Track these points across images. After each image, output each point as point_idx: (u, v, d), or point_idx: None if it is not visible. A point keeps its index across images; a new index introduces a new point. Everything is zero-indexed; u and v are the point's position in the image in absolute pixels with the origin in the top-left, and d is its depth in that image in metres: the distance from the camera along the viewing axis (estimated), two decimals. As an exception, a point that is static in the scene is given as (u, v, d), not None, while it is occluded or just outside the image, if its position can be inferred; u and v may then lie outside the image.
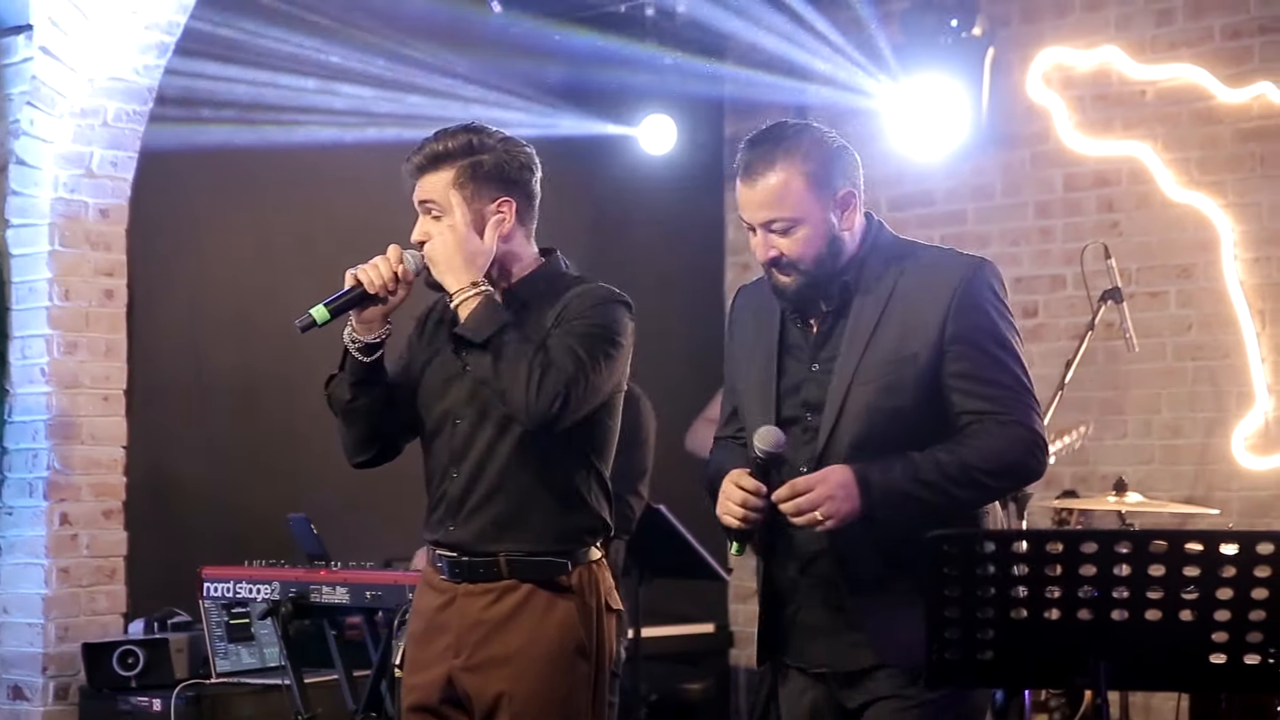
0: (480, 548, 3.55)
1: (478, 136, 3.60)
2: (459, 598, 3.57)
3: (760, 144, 3.18)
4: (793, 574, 3.21)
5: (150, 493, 6.06)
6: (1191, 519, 5.88)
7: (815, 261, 3.16)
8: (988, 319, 3.14)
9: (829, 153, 3.19)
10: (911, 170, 7.30)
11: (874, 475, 3.05)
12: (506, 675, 3.50)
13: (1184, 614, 2.77)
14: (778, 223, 3.15)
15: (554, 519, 3.55)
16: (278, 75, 6.17)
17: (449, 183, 3.55)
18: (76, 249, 5.86)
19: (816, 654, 3.20)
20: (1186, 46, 6.63)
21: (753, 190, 3.17)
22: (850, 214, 3.20)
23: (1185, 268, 6.63)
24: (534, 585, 3.53)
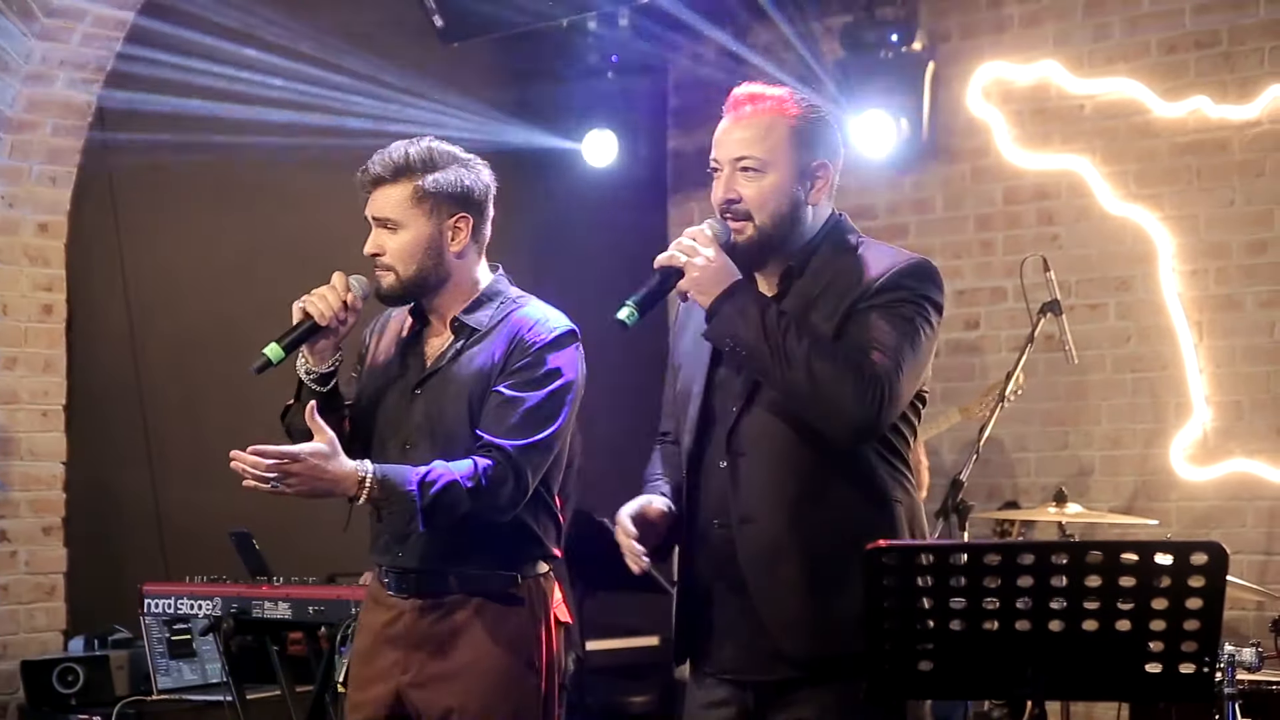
0: (428, 567, 3.56)
1: (437, 151, 3.60)
2: (406, 613, 3.58)
3: (753, 90, 3.21)
4: (707, 576, 3.22)
5: (90, 509, 6.01)
6: (1131, 530, 5.93)
7: (772, 217, 3.15)
8: (899, 298, 3.12)
9: (820, 123, 3.21)
10: (853, 184, 7.28)
11: (748, 289, 3.09)
12: (455, 690, 3.51)
13: (1120, 624, 2.79)
14: (749, 160, 3.15)
15: (501, 543, 3.56)
16: (218, 90, 6.14)
17: (407, 198, 3.55)
18: (14, 264, 5.82)
19: (728, 659, 3.20)
20: (1124, 61, 6.69)
21: (735, 124, 3.19)
22: (819, 189, 3.20)
23: (1124, 280, 6.68)
24: (483, 599, 3.53)
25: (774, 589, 3.11)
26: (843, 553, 3.07)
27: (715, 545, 3.19)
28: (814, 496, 3.11)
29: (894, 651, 2.86)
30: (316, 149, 6.21)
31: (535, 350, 3.53)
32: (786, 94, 3.22)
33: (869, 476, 3.15)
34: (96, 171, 6.03)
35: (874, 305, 3.09)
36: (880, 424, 3.05)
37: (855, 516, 3.12)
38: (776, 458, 3.12)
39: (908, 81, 6.90)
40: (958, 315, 7.09)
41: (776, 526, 3.10)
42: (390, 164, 3.56)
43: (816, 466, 3.11)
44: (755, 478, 3.13)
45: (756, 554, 3.12)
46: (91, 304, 6.08)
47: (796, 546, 3.10)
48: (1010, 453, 6.91)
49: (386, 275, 3.57)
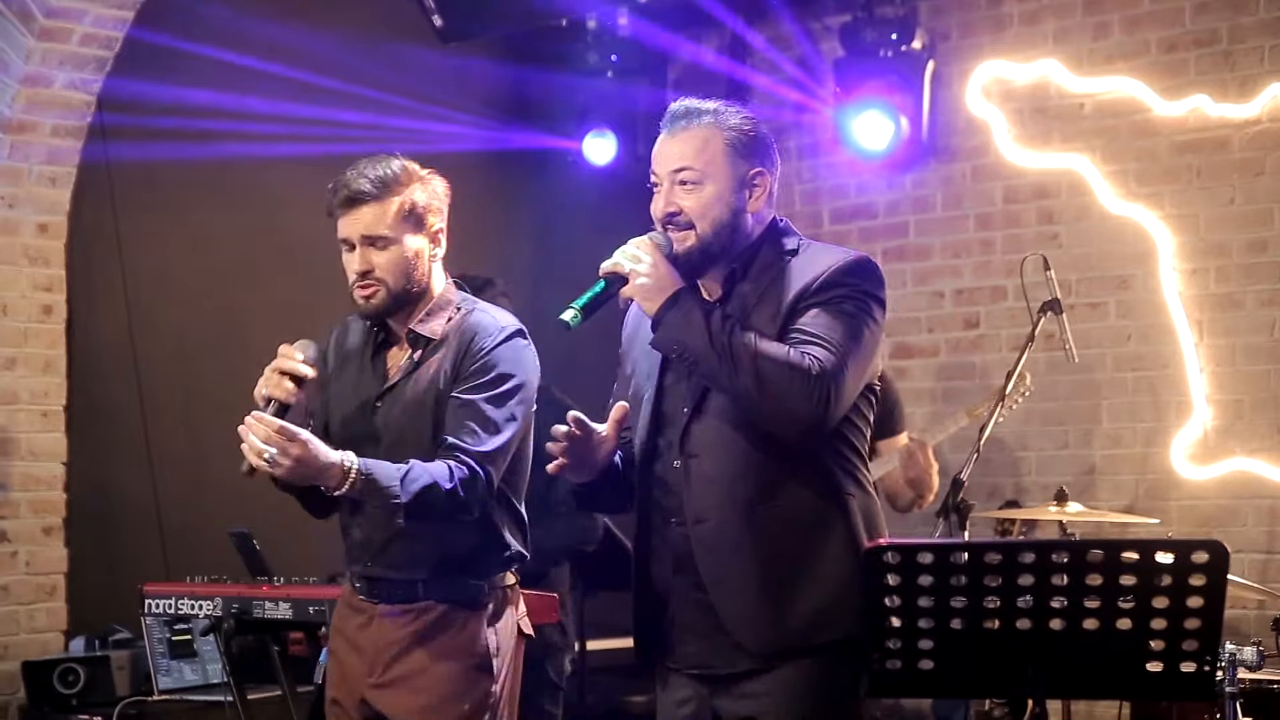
0: (397, 575, 3.64)
1: (410, 167, 3.66)
2: (376, 618, 3.67)
3: (689, 105, 3.27)
4: (666, 575, 3.26)
5: (90, 509, 6.01)
6: (1132, 529, 5.93)
7: (713, 226, 3.20)
8: (840, 294, 3.16)
9: (753, 133, 3.27)
10: (853, 183, 7.33)
11: (692, 296, 3.14)
12: (413, 691, 3.59)
13: (1121, 623, 2.79)
14: (687, 172, 3.20)
15: (469, 551, 3.63)
16: (218, 90, 6.14)
17: (396, 213, 3.59)
18: (14, 265, 5.82)
19: (692, 655, 3.25)
20: (1123, 60, 6.69)
21: (672, 140, 3.25)
22: (758, 197, 3.25)
23: (1124, 279, 6.68)
24: (448, 606, 3.61)
25: (730, 586, 3.17)
26: (795, 548, 3.15)
27: (673, 543, 3.24)
28: (766, 494, 3.16)
29: (895, 650, 2.87)
30: (316, 149, 6.21)
31: (485, 354, 3.60)
32: (721, 106, 3.29)
33: (821, 472, 3.19)
34: (96, 172, 6.03)
35: (816, 302, 3.15)
36: (828, 419, 3.09)
37: (810, 513, 3.17)
38: (728, 458, 3.17)
39: (907, 80, 6.89)
40: (957, 314, 7.09)
41: (729, 525, 3.16)
42: (377, 180, 3.59)
43: (767, 465, 3.16)
44: (708, 478, 3.19)
45: (712, 552, 3.18)
46: (91, 304, 6.08)
47: (750, 544, 3.15)
48: (1011, 452, 6.91)
49: (376, 291, 3.61)
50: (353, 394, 3.72)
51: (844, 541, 3.16)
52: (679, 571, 3.23)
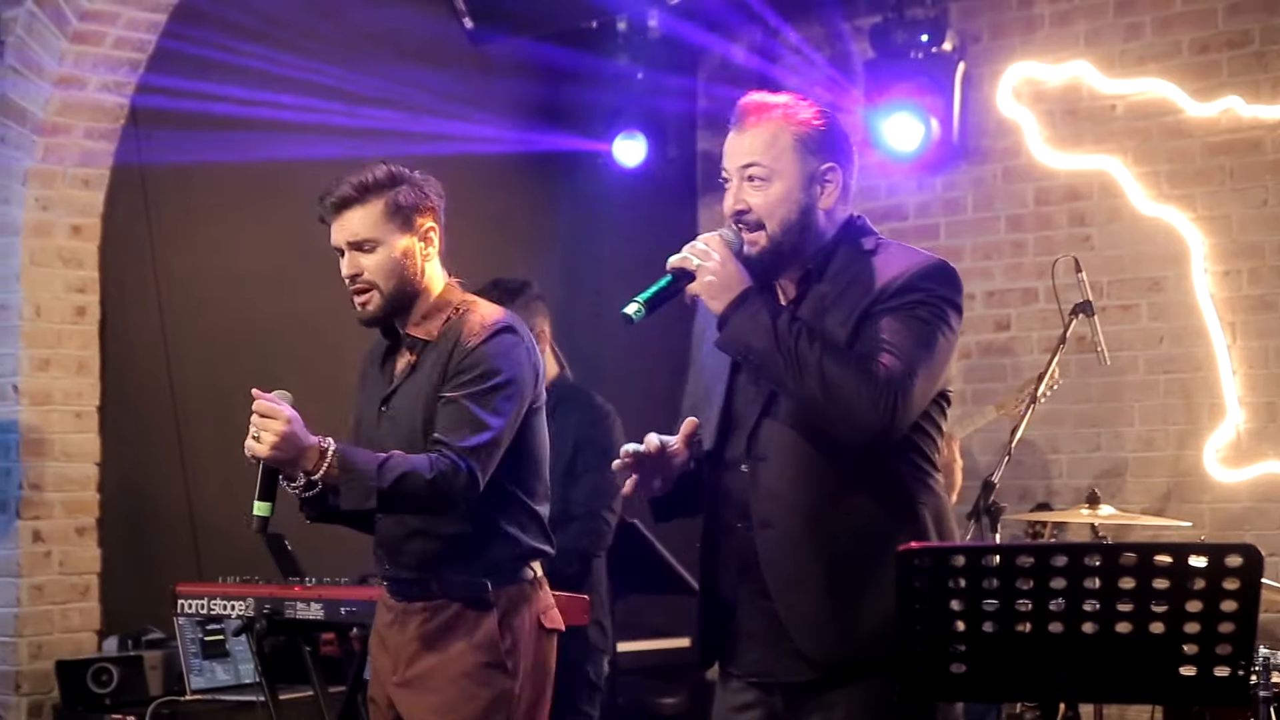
0: (413, 575, 3.69)
1: (394, 169, 3.69)
2: (401, 615, 3.72)
3: (758, 100, 3.22)
4: (731, 579, 3.22)
5: (123, 509, 6.04)
6: (1164, 531, 5.91)
7: (783, 225, 3.15)
8: (915, 300, 3.11)
9: (826, 127, 3.22)
10: (883, 184, 7.32)
11: (759, 296, 3.08)
12: (428, 690, 3.63)
13: (1154, 626, 2.78)
14: (755, 168, 3.15)
15: (479, 548, 3.65)
16: (250, 91, 6.16)
17: (380, 214, 3.63)
18: (48, 266, 5.85)
19: (753, 662, 3.20)
20: (1155, 61, 6.67)
21: (741, 135, 3.19)
22: (830, 193, 3.19)
23: (1156, 281, 6.66)
24: (462, 603, 3.63)
25: (794, 592, 3.12)
26: (864, 556, 3.09)
27: (738, 547, 3.19)
28: (834, 501, 3.11)
29: (926, 654, 2.86)
30: (347, 152, 6.22)
31: (472, 352, 3.61)
32: (792, 101, 3.23)
33: (892, 479, 3.14)
34: (129, 174, 6.06)
35: (889, 308, 3.09)
36: (895, 428, 3.04)
37: (878, 520, 3.12)
38: (796, 462, 3.12)
39: (938, 82, 6.88)
40: (988, 316, 7.07)
41: (795, 531, 3.11)
42: (358, 184, 3.64)
43: (836, 471, 3.10)
44: (775, 482, 3.14)
45: (776, 557, 3.13)
46: (124, 306, 6.11)
47: (815, 550, 3.10)
48: (1042, 454, 6.89)
49: (370, 296, 3.66)
50: (368, 402, 3.79)
51: None
52: (744, 576, 3.18)
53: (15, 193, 5.80)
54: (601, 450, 5.18)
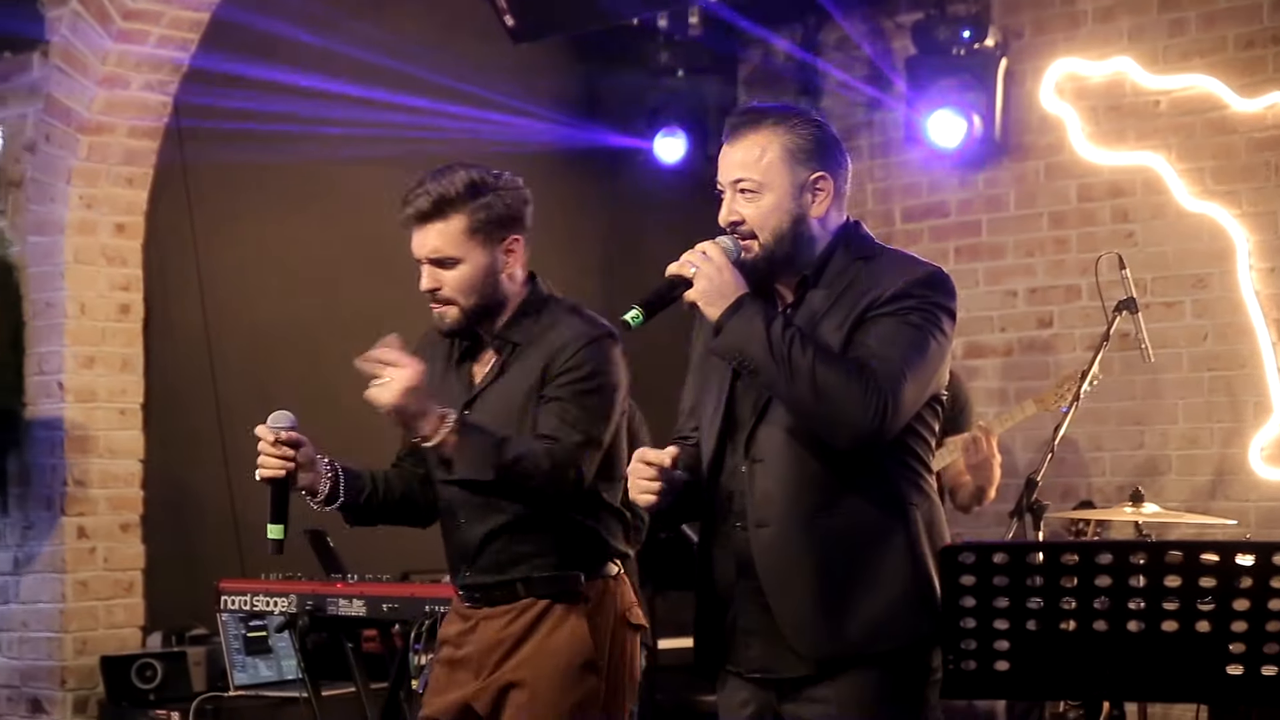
0: (496, 579, 3.62)
1: (477, 177, 3.58)
2: (480, 622, 3.65)
3: (751, 111, 3.26)
4: (729, 578, 3.24)
5: (167, 506, 6.08)
6: (1208, 530, 5.87)
7: (774, 235, 3.18)
8: (909, 306, 3.13)
9: (814, 137, 3.23)
10: (925, 182, 7.30)
11: (754, 303, 3.10)
12: (521, 688, 3.56)
13: (1200, 625, 2.76)
14: (745, 183, 3.19)
15: (563, 546, 3.61)
16: (293, 91, 6.19)
17: (462, 231, 3.55)
18: (92, 264, 5.89)
19: (753, 658, 3.23)
20: (1200, 56, 6.62)
21: (732, 148, 3.23)
22: (821, 201, 3.22)
23: (1200, 278, 6.62)
24: (550, 601, 3.59)
25: (787, 592, 3.15)
26: (858, 558, 3.14)
27: (736, 547, 3.23)
28: (827, 502, 3.15)
29: (970, 651, 2.85)
30: (389, 150, 6.25)
31: (576, 354, 3.57)
32: (782, 111, 3.25)
33: (883, 481, 3.17)
34: (172, 173, 6.10)
35: (883, 314, 3.13)
36: (885, 431, 3.07)
37: (871, 522, 3.15)
38: (791, 465, 3.16)
39: (980, 78, 6.85)
40: (1030, 313, 7.05)
41: (789, 531, 3.15)
42: (438, 198, 3.53)
43: (831, 474, 3.14)
44: (770, 483, 3.17)
45: (771, 557, 3.17)
46: (168, 303, 6.15)
47: (809, 551, 3.14)
48: (1085, 452, 6.86)
49: (449, 310, 3.59)
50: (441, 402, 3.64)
51: (904, 551, 3.14)
52: (741, 575, 3.22)
53: (60, 191, 5.84)
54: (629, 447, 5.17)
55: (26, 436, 5.89)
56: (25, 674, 5.86)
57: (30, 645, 5.86)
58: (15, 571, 5.90)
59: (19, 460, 5.91)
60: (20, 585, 5.88)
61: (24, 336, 5.90)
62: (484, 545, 3.61)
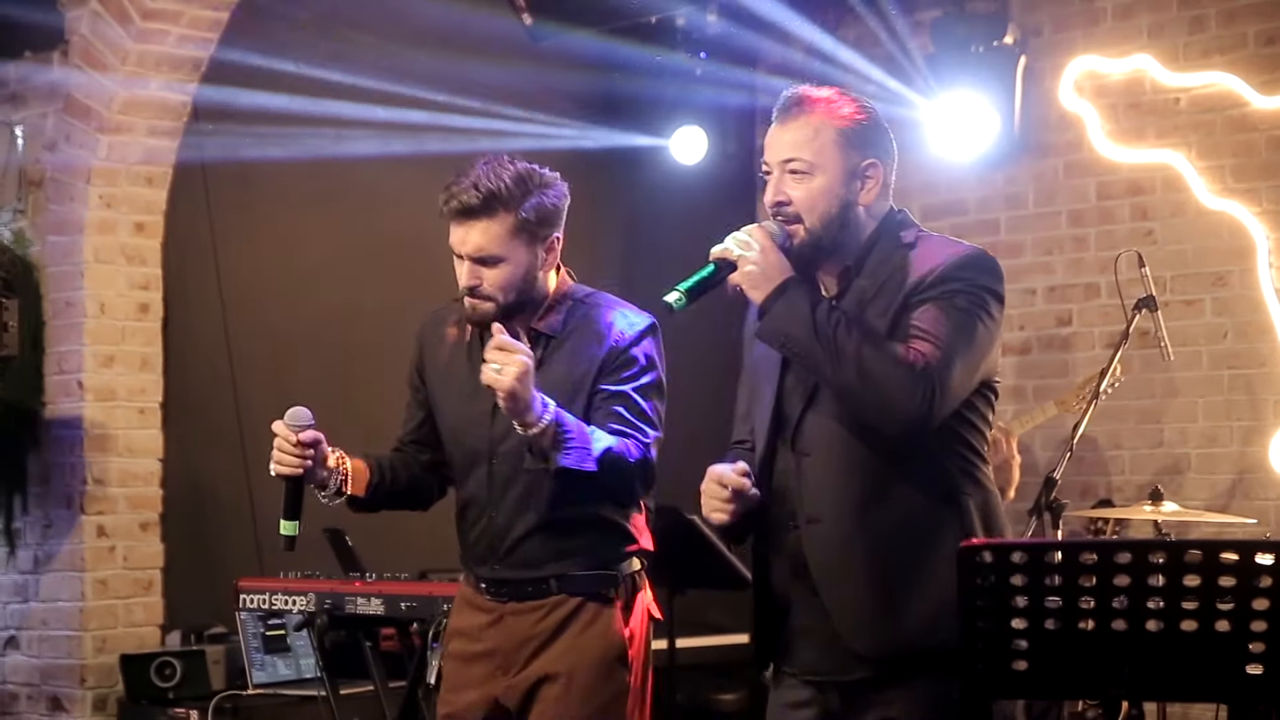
0: (529, 575, 3.59)
1: (525, 174, 3.51)
2: (506, 616, 3.61)
3: (801, 93, 3.22)
4: (784, 580, 3.21)
5: (186, 505, 6.09)
6: (1228, 528, 5.85)
7: (823, 220, 3.14)
8: (954, 289, 3.09)
9: (867, 122, 3.21)
10: (944, 179, 7.28)
11: (800, 286, 3.07)
12: (554, 683, 3.55)
13: (1220, 624, 2.75)
14: (797, 162, 3.15)
15: (599, 543, 3.60)
16: (311, 90, 6.19)
17: (508, 230, 3.47)
18: (112, 264, 5.91)
19: (809, 660, 3.20)
20: (1220, 54, 6.60)
21: (783, 129, 3.20)
22: (870, 189, 3.19)
23: (1220, 275, 6.59)
24: (583, 599, 3.57)
25: (840, 586, 3.11)
26: (911, 550, 3.09)
27: (790, 547, 3.19)
28: (880, 495, 3.10)
29: (988, 650, 2.84)
30: (407, 149, 6.26)
31: (628, 347, 3.54)
32: (834, 95, 3.22)
33: (936, 472, 3.13)
34: (191, 172, 6.11)
35: (928, 297, 3.08)
36: (933, 416, 3.02)
37: (924, 514, 3.11)
38: (840, 457, 3.12)
39: (999, 76, 6.84)
40: (1049, 312, 7.03)
41: (842, 526, 3.10)
42: (486, 194, 3.44)
43: (881, 464, 3.10)
44: (820, 478, 3.14)
45: (824, 554, 3.13)
46: (187, 303, 6.16)
47: (863, 545, 3.09)
48: (1104, 450, 6.84)
49: (485, 305, 3.52)
50: (468, 400, 3.61)
51: (959, 542, 3.09)
52: (796, 575, 3.17)
53: (80, 190, 5.86)
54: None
55: (46, 435, 5.91)
56: (45, 672, 5.88)
57: (50, 643, 5.87)
58: (35, 570, 5.92)
59: (39, 459, 5.93)
60: (40, 584, 5.90)
61: (44, 336, 5.92)
62: (520, 541, 3.57)
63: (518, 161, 3.54)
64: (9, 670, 5.98)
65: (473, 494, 3.64)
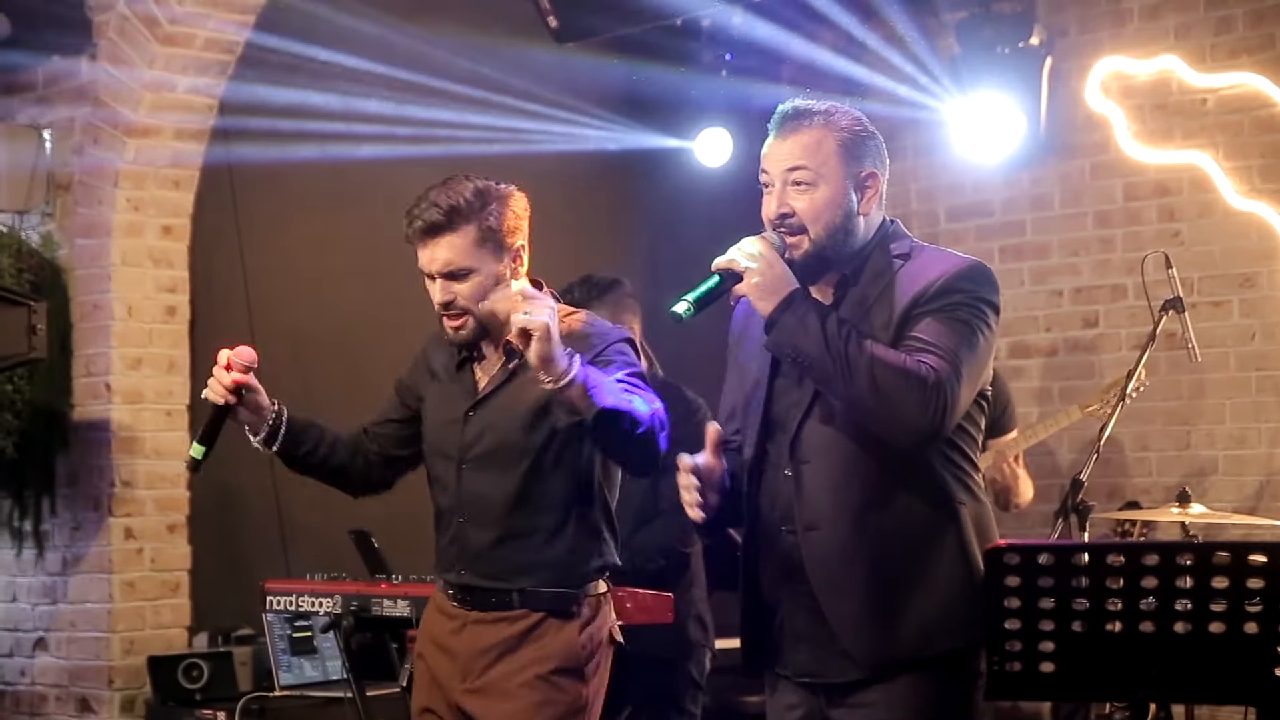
0: (494, 585, 3.64)
1: (483, 187, 3.58)
2: (469, 624, 3.67)
3: (800, 106, 3.23)
4: (776, 583, 3.23)
5: (213, 507, 6.10)
6: (1256, 530, 5.82)
7: (827, 229, 3.16)
8: (955, 301, 3.11)
9: (863, 133, 3.23)
10: (969, 181, 7.27)
11: (807, 299, 3.07)
12: (506, 696, 3.59)
13: (1248, 626, 2.74)
14: (801, 172, 3.15)
15: (565, 563, 3.62)
16: (337, 92, 6.21)
17: (473, 241, 3.54)
18: (139, 266, 5.92)
19: (802, 663, 3.22)
20: (1247, 54, 6.58)
21: (783, 142, 3.20)
22: (869, 199, 3.21)
23: (1248, 277, 6.57)
24: (544, 614, 3.61)
25: (840, 593, 3.13)
26: (907, 556, 3.12)
27: (783, 551, 3.21)
28: (878, 502, 3.13)
29: (1015, 652, 2.84)
30: (433, 151, 6.27)
31: (609, 346, 3.55)
32: (832, 108, 3.24)
33: (932, 480, 3.15)
34: (218, 175, 6.13)
35: (930, 310, 3.10)
36: (943, 429, 3.05)
37: (921, 521, 3.13)
38: (840, 465, 3.14)
39: (1025, 77, 6.82)
40: (1075, 313, 7.01)
41: (841, 533, 3.13)
42: (448, 209, 3.53)
43: (879, 472, 3.12)
44: (819, 485, 3.16)
45: (822, 560, 3.15)
46: (213, 305, 6.18)
47: (861, 552, 3.12)
48: (1131, 452, 6.82)
49: (464, 321, 3.59)
50: (443, 409, 3.73)
51: (955, 551, 3.12)
52: (789, 579, 3.20)
53: (107, 194, 5.88)
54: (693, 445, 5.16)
55: (74, 438, 5.93)
56: (73, 673, 5.90)
57: (78, 645, 5.89)
58: (63, 572, 5.94)
59: (67, 461, 5.95)
60: (68, 585, 5.92)
61: (71, 338, 5.94)
62: (486, 550, 3.63)
63: (474, 179, 3.60)
64: (38, 671, 6.00)
65: (445, 500, 3.72)
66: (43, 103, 6.06)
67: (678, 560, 5.24)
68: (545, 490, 3.59)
